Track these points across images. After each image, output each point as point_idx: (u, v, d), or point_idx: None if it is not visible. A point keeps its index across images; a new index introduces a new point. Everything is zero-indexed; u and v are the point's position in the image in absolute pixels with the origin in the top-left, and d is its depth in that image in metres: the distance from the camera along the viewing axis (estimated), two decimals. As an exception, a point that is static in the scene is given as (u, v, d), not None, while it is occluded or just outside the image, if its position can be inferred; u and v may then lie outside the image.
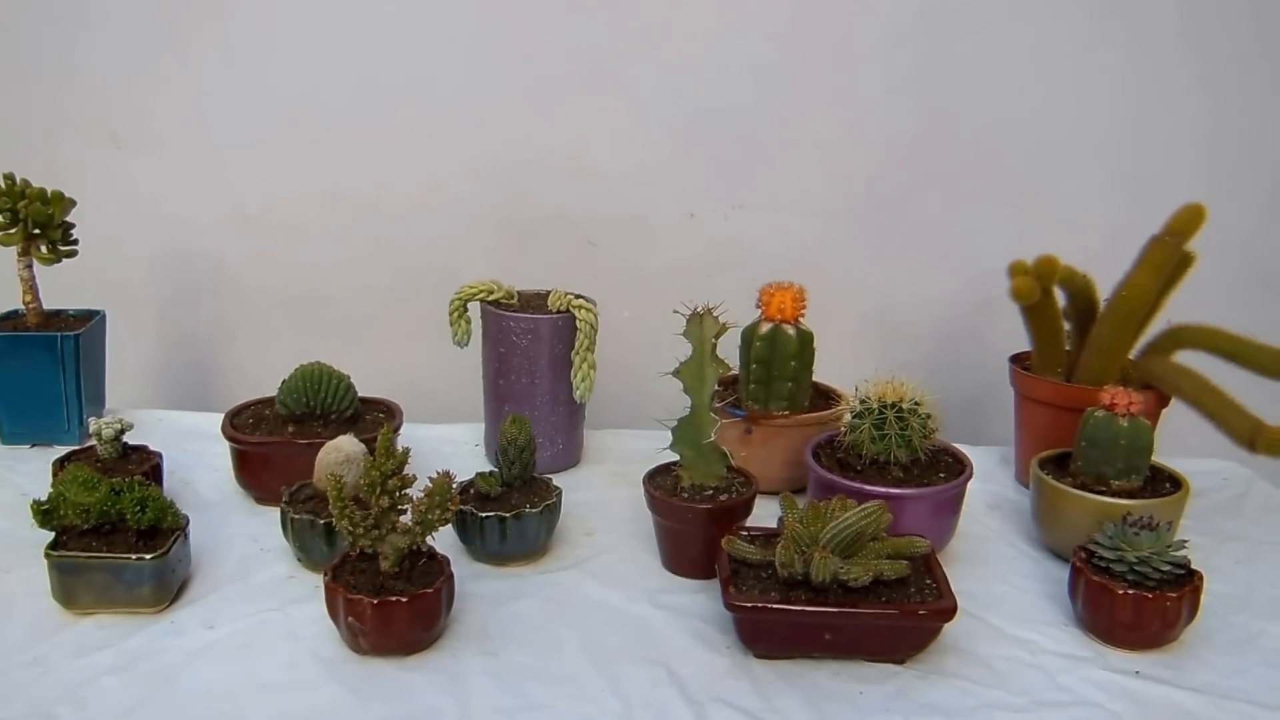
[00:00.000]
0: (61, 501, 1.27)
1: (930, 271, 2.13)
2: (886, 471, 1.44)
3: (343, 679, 1.18)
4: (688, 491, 1.40)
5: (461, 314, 1.68)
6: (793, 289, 1.60)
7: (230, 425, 1.57)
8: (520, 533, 1.40)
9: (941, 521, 1.43)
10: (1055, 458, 1.54)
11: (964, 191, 2.08)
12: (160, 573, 1.27)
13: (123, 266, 2.07)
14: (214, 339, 2.19)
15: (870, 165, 2.07)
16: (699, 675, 1.21)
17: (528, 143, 2.05)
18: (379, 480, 1.21)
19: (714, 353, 1.36)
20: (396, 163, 2.05)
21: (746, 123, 2.06)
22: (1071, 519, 1.43)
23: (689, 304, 1.37)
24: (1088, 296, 1.67)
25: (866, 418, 1.42)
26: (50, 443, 1.73)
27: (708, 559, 1.38)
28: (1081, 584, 1.29)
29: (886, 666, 1.23)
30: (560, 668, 1.22)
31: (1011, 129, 2.04)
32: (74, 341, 1.68)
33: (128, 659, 1.20)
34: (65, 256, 1.69)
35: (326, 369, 1.58)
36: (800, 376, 1.60)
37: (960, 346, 2.16)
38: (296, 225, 2.09)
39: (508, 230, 2.09)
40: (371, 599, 1.18)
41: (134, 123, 2.05)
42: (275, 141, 2.04)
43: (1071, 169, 2.07)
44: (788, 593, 1.22)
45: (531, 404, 1.65)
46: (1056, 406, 1.63)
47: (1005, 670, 1.23)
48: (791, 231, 2.10)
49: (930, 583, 1.25)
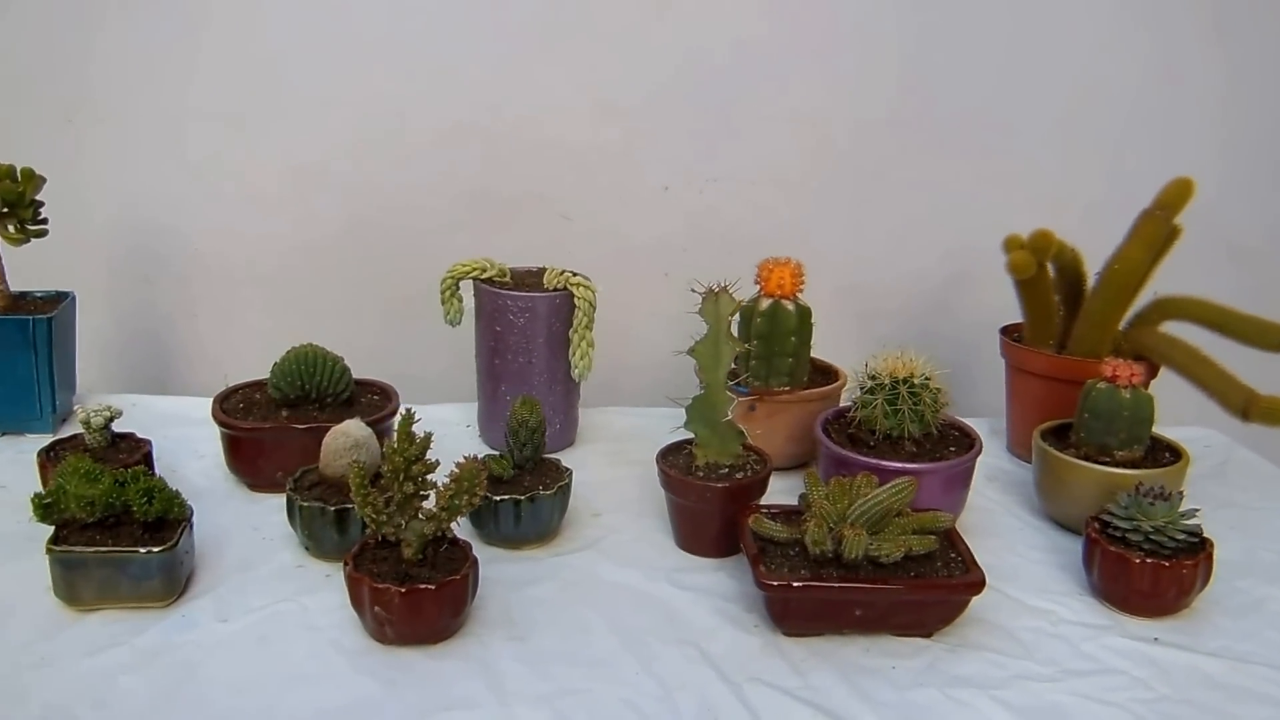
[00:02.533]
0: (63, 494, 1.22)
1: (906, 245, 2.14)
2: (899, 446, 1.44)
3: (371, 670, 1.15)
4: (703, 470, 1.39)
5: (453, 293, 1.64)
6: (791, 264, 1.59)
7: (221, 410, 1.52)
8: (534, 515, 1.37)
9: (953, 495, 1.44)
10: (1054, 429, 1.56)
11: (940, 166, 2.09)
12: (169, 565, 1.23)
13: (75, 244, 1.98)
14: (173, 319, 2.12)
15: (847, 139, 2.06)
16: (732, 655, 1.20)
17: (500, 116, 2.01)
18: (402, 466, 1.18)
19: (729, 330, 1.35)
20: (365, 137, 2.00)
21: (723, 95, 2.04)
22: (1076, 490, 1.45)
23: (703, 282, 1.35)
24: (1076, 270, 1.69)
25: (879, 393, 1.42)
26: (21, 431, 1.66)
27: (724, 537, 1.38)
28: (1097, 554, 1.30)
29: (915, 640, 1.23)
30: (591, 651, 1.20)
31: (988, 104, 2.06)
32: (46, 325, 1.61)
33: (143, 656, 1.16)
34: (35, 236, 1.62)
35: (320, 351, 1.54)
36: (800, 352, 1.60)
37: (935, 319, 2.18)
38: (259, 200, 2.03)
39: (480, 205, 2.05)
40: (399, 588, 1.15)
41: (86, 94, 1.96)
42: (237, 113, 1.97)
43: (1047, 144, 2.09)
44: (818, 570, 1.21)
45: (528, 383, 1.62)
46: (1050, 378, 1.65)
47: (1030, 641, 1.25)
48: (767, 205, 2.09)
49: (955, 556, 1.26)
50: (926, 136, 2.06)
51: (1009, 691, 1.15)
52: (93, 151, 1.98)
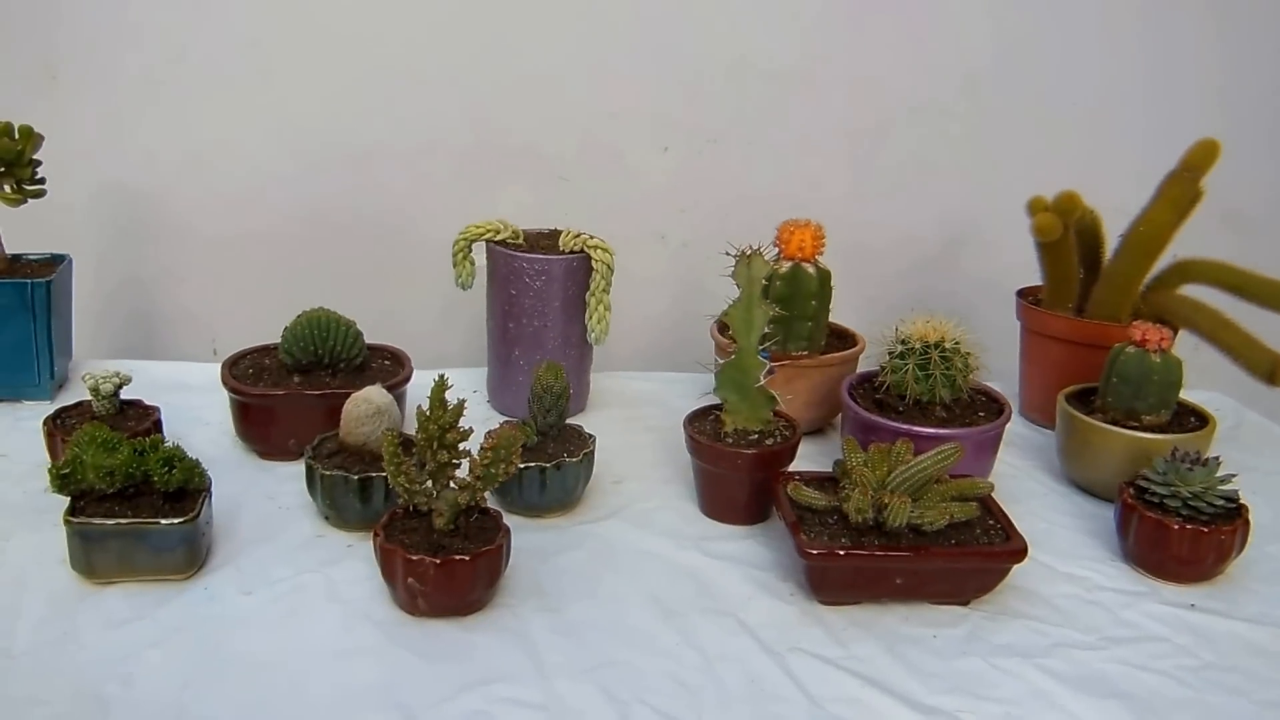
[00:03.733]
0: (80, 464, 1.17)
1: (906, 206, 2.12)
2: (929, 412, 1.42)
3: (405, 643, 1.12)
4: (732, 436, 1.36)
5: (466, 255, 1.60)
6: (811, 226, 1.56)
7: (230, 376, 1.47)
8: (560, 483, 1.34)
9: (983, 461, 1.43)
10: (1076, 394, 1.54)
11: (939, 126, 2.07)
12: (191, 536, 1.19)
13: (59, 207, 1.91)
14: (161, 284, 2.06)
15: (848, 98, 2.04)
16: (771, 624, 1.18)
17: (496, 75, 1.96)
18: (436, 434, 1.14)
19: (762, 294, 1.32)
20: (358, 96, 1.95)
21: (722, 55, 2.00)
22: (1103, 455, 1.44)
23: (736, 245, 1.32)
24: (1095, 232, 1.67)
25: (910, 358, 1.40)
26: (17, 398, 1.61)
27: (753, 504, 1.36)
28: (1134, 520, 1.29)
29: (953, 609, 1.22)
30: (627, 622, 1.18)
31: (988, 65, 2.04)
32: (45, 288, 1.55)
33: (166, 630, 1.12)
34: (33, 196, 1.56)
35: (333, 315, 1.49)
36: (819, 316, 1.57)
37: (936, 281, 2.16)
38: (249, 163, 1.98)
39: (476, 166, 2.01)
40: (434, 559, 1.12)
41: (70, 50, 1.89)
42: (225, 73, 1.92)
43: (1044, 106, 2.07)
44: (858, 538, 1.19)
45: (542, 348, 1.59)
46: (1070, 342, 1.64)
47: (1069, 608, 1.24)
48: (767, 166, 2.06)
49: (993, 523, 1.24)
50: (928, 96, 2.03)
51: (1054, 660, 1.14)
52: (77, 110, 1.91)
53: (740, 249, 1.31)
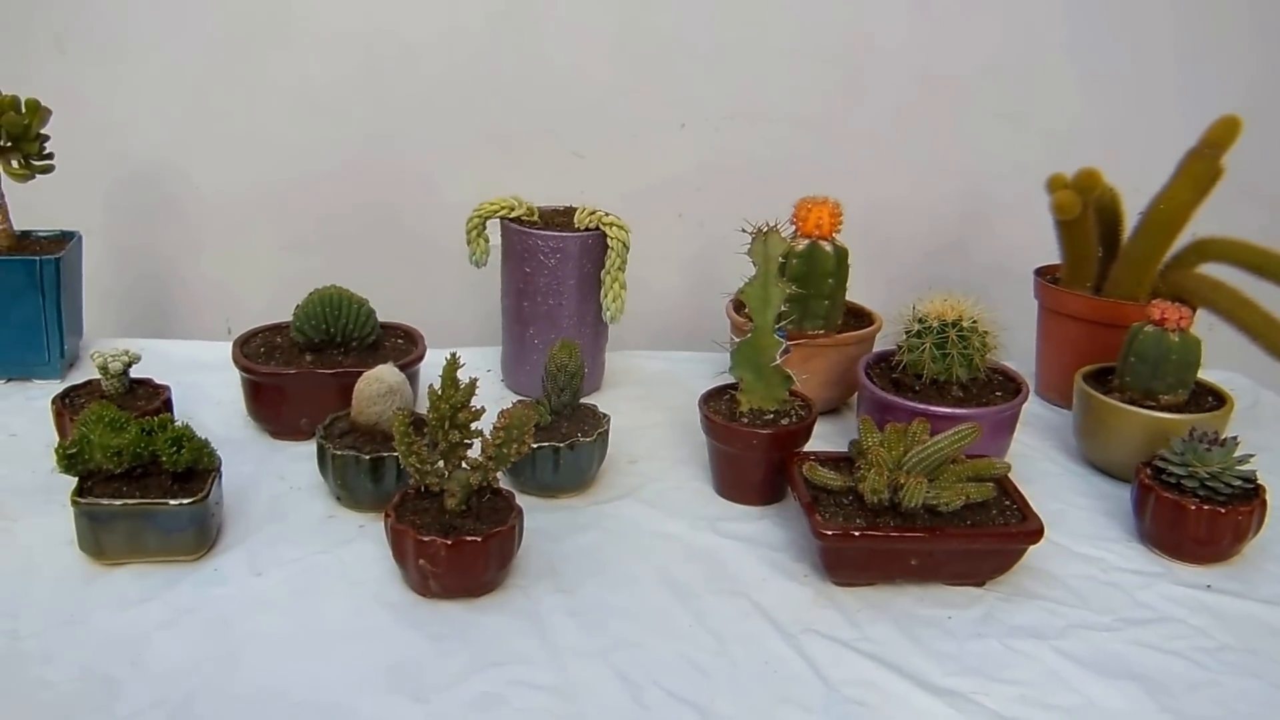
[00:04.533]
0: (87, 444, 1.17)
1: (921, 183, 2.10)
2: (945, 391, 1.41)
3: (417, 624, 1.11)
4: (747, 416, 1.35)
5: (480, 232, 1.59)
6: (828, 203, 1.54)
7: (242, 354, 1.47)
8: (574, 463, 1.33)
9: (999, 441, 1.42)
10: (1093, 373, 1.53)
11: (956, 103, 2.04)
12: (201, 516, 1.18)
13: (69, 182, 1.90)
14: (175, 261, 2.05)
15: (864, 75, 2.01)
16: (784, 606, 1.17)
17: (512, 51, 1.94)
18: (447, 414, 1.13)
19: (778, 272, 1.30)
20: (373, 71, 1.93)
21: (740, 30, 1.98)
22: (1120, 434, 1.42)
23: (753, 222, 1.30)
24: (1114, 210, 1.65)
25: (927, 337, 1.39)
26: (27, 377, 1.60)
27: (768, 485, 1.35)
28: (1150, 501, 1.28)
29: (969, 590, 1.21)
30: (640, 603, 1.17)
31: (1004, 41, 2.01)
32: (54, 266, 1.54)
33: (176, 612, 1.12)
34: (41, 172, 1.54)
35: (345, 293, 1.48)
36: (836, 295, 1.55)
37: (949, 259, 2.14)
38: (263, 137, 1.96)
39: (491, 142, 1.99)
40: (445, 540, 1.11)
41: (78, 20, 1.87)
42: (239, 44, 1.90)
43: (1062, 80, 2.04)
44: (874, 519, 1.18)
45: (557, 326, 1.57)
46: (1087, 321, 1.62)
47: (1084, 589, 1.22)
48: (786, 143, 2.04)
49: (1009, 504, 1.23)
50: (948, 74, 2.01)
51: (1070, 641, 1.13)
52: (87, 82, 1.90)
53: (756, 225, 1.29)
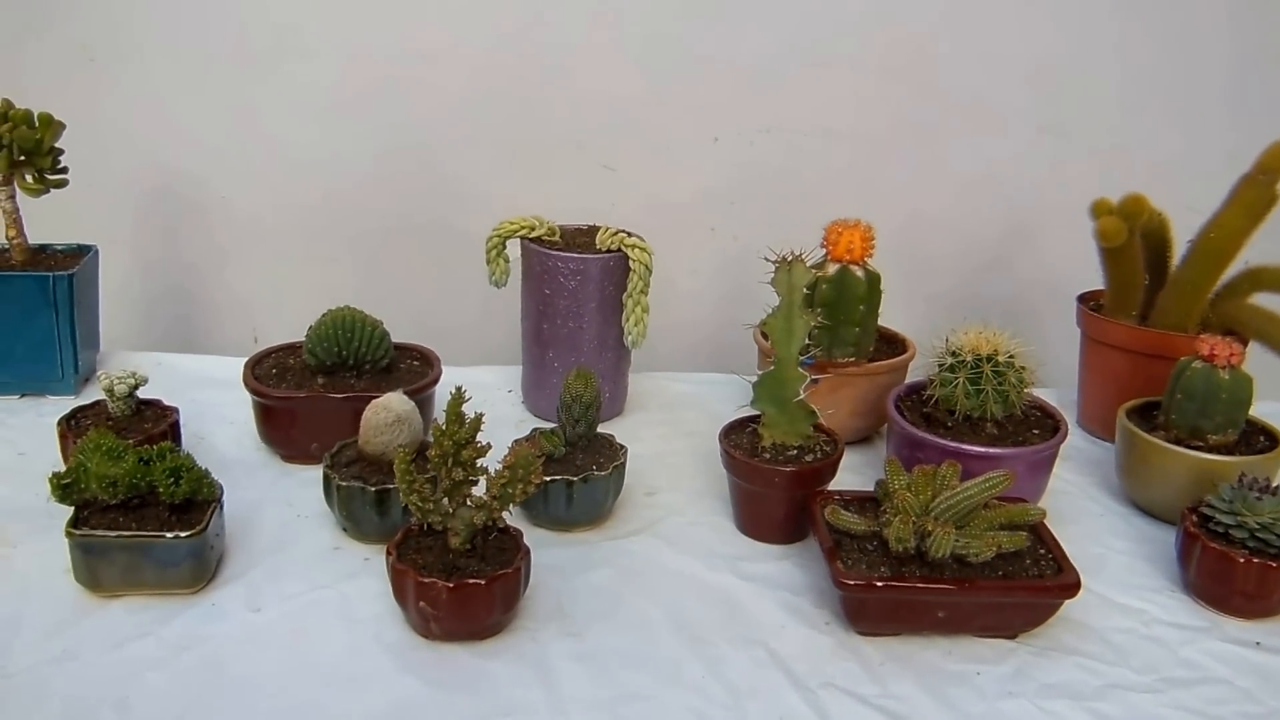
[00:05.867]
0: (83, 473, 1.13)
1: (960, 199, 2.03)
2: (979, 428, 1.34)
3: (416, 669, 1.07)
4: (769, 452, 1.29)
5: (500, 252, 1.54)
6: (860, 227, 1.48)
7: (252, 376, 1.43)
8: (588, 497, 1.28)
9: (1036, 482, 1.35)
10: (1138, 408, 1.45)
11: (997, 117, 1.97)
12: (199, 550, 1.14)
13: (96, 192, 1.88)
14: (201, 271, 2.02)
15: (903, 89, 1.94)
16: (803, 656, 1.12)
17: (540, 64, 1.89)
18: (451, 450, 1.08)
19: (803, 302, 1.24)
20: (400, 81, 1.89)
21: (774, 42, 1.92)
22: (1165, 475, 1.35)
23: (776, 251, 1.25)
24: (1162, 236, 1.58)
25: (960, 371, 1.32)
26: (42, 393, 1.58)
27: (790, 523, 1.29)
28: (1196, 550, 1.21)
29: (1000, 643, 1.14)
30: (652, 650, 1.12)
31: (1048, 54, 1.93)
32: (67, 282, 1.51)
33: (169, 649, 1.08)
34: (54, 186, 1.52)
35: (359, 314, 1.44)
36: (867, 322, 1.49)
37: (989, 277, 2.07)
38: (292, 148, 1.93)
39: (520, 155, 1.95)
40: (447, 582, 1.06)
41: (108, 31, 1.85)
42: (265, 54, 1.87)
43: (1109, 96, 1.96)
44: (899, 568, 1.12)
45: (577, 349, 1.53)
46: (1131, 352, 1.54)
47: (1123, 644, 1.16)
48: (819, 157, 1.98)
49: (1044, 552, 1.16)
50: (988, 88, 1.94)
51: (1106, 703, 1.07)
52: (115, 92, 1.88)
53: (780, 254, 1.23)
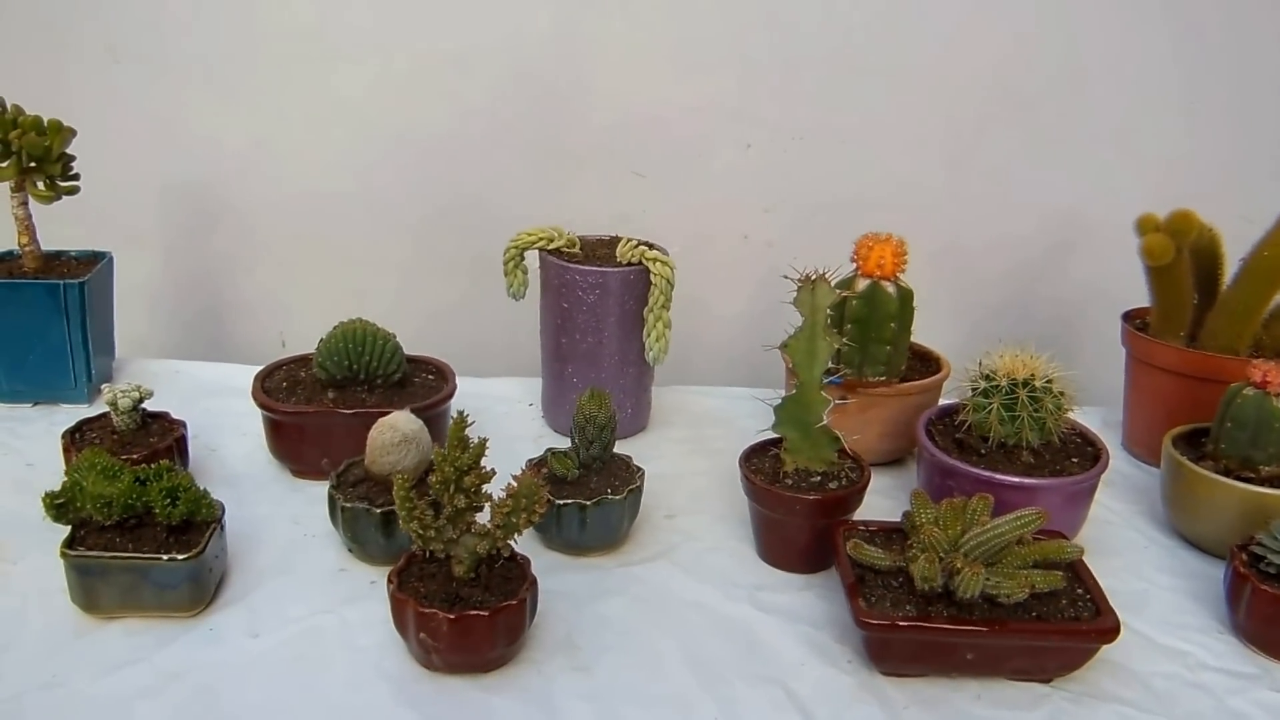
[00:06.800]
0: (78, 492, 1.10)
1: (1005, 209, 1.95)
2: (1015, 456, 1.27)
3: (414, 701, 1.03)
4: (792, 478, 1.23)
5: (518, 264, 1.49)
6: (892, 241, 1.42)
7: (262, 390, 1.39)
8: (602, 521, 1.23)
9: (1075, 513, 1.28)
10: (1186, 434, 1.38)
11: (1043, 122, 1.89)
12: (196, 573, 1.10)
13: (122, 197, 1.87)
14: (229, 274, 1.99)
15: (944, 96, 1.87)
16: (822, 697, 1.06)
17: (570, 65, 1.84)
18: (453, 476, 1.04)
19: (827, 324, 1.18)
20: (426, 85, 1.85)
21: (811, 47, 1.85)
22: (1213, 507, 1.28)
23: (798, 269, 1.19)
24: (1212, 253, 1.50)
25: (995, 396, 1.25)
26: (55, 401, 1.55)
27: (813, 552, 1.23)
28: (1246, 592, 1.13)
29: (1033, 687, 1.08)
30: (662, 687, 1.06)
31: (1099, 58, 1.85)
32: (78, 290, 1.48)
33: (162, 677, 1.04)
34: (65, 193, 1.49)
35: (370, 327, 1.40)
36: (899, 340, 1.43)
37: (1035, 291, 2.00)
38: (317, 152, 1.89)
39: (548, 160, 1.90)
40: (447, 613, 1.02)
41: (132, 31, 1.82)
42: (291, 56, 1.83)
43: (1164, 102, 1.88)
44: (925, 607, 1.06)
45: (597, 365, 1.48)
46: (1179, 374, 1.47)
47: (1165, 691, 1.09)
48: (857, 165, 1.91)
49: (1081, 592, 1.10)
50: (1030, 91, 1.86)
51: (1146, 757, 1.00)
52: (141, 94, 1.85)
53: (804, 273, 1.18)
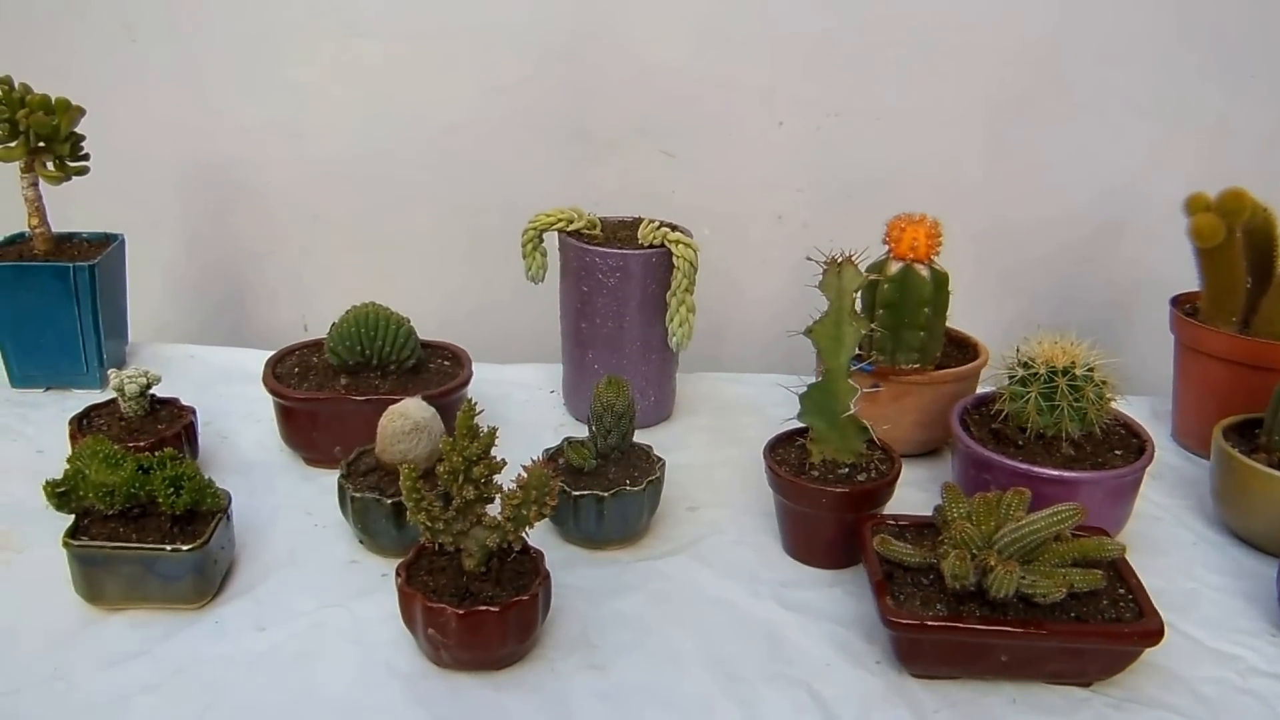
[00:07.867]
0: (80, 480, 1.07)
1: (1050, 188, 1.87)
2: (1054, 448, 1.21)
3: (424, 699, 0.99)
4: (818, 470, 1.18)
5: (536, 246, 1.45)
6: (925, 223, 1.36)
7: (273, 376, 1.36)
8: (620, 513, 1.19)
9: (1118, 509, 1.21)
10: (1238, 425, 1.31)
11: (1089, 97, 1.81)
12: (201, 564, 1.07)
13: (138, 178, 1.84)
14: (251, 255, 1.96)
15: (984, 69, 1.80)
16: (849, 699, 1.01)
17: (595, 41, 1.79)
18: (461, 467, 0.99)
19: (854, 309, 1.13)
20: (450, 64, 1.80)
21: (845, 19, 1.79)
22: (1266, 503, 1.22)
23: (824, 251, 1.13)
24: (1268, 233, 1.43)
25: (1033, 385, 1.19)
26: (67, 386, 1.53)
27: (841, 547, 1.18)
28: (1299, 593, 1.07)
29: (1072, 692, 1.02)
30: (681, 688, 1.02)
31: (1145, 27, 1.77)
32: (89, 273, 1.45)
33: (166, 671, 1.01)
34: (75, 174, 1.46)
35: (384, 311, 1.35)
36: (933, 325, 1.37)
37: (1082, 274, 1.92)
38: (336, 133, 1.85)
39: (575, 140, 1.85)
40: (456, 608, 0.97)
41: (149, 11, 1.79)
42: (311, 35, 1.79)
43: (1212, 72, 1.79)
44: (957, 606, 1.01)
45: (619, 351, 1.43)
46: (1231, 361, 1.40)
47: (1214, 698, 1.03)
48: (893, 143, 1.84)
49: (1123, 591, 1.04)
50: (1075, 66, 1.78)
51: (1191, 768, 0.94)
52: (159, 74, 1.82)
53: (829, 255, 1.12)
